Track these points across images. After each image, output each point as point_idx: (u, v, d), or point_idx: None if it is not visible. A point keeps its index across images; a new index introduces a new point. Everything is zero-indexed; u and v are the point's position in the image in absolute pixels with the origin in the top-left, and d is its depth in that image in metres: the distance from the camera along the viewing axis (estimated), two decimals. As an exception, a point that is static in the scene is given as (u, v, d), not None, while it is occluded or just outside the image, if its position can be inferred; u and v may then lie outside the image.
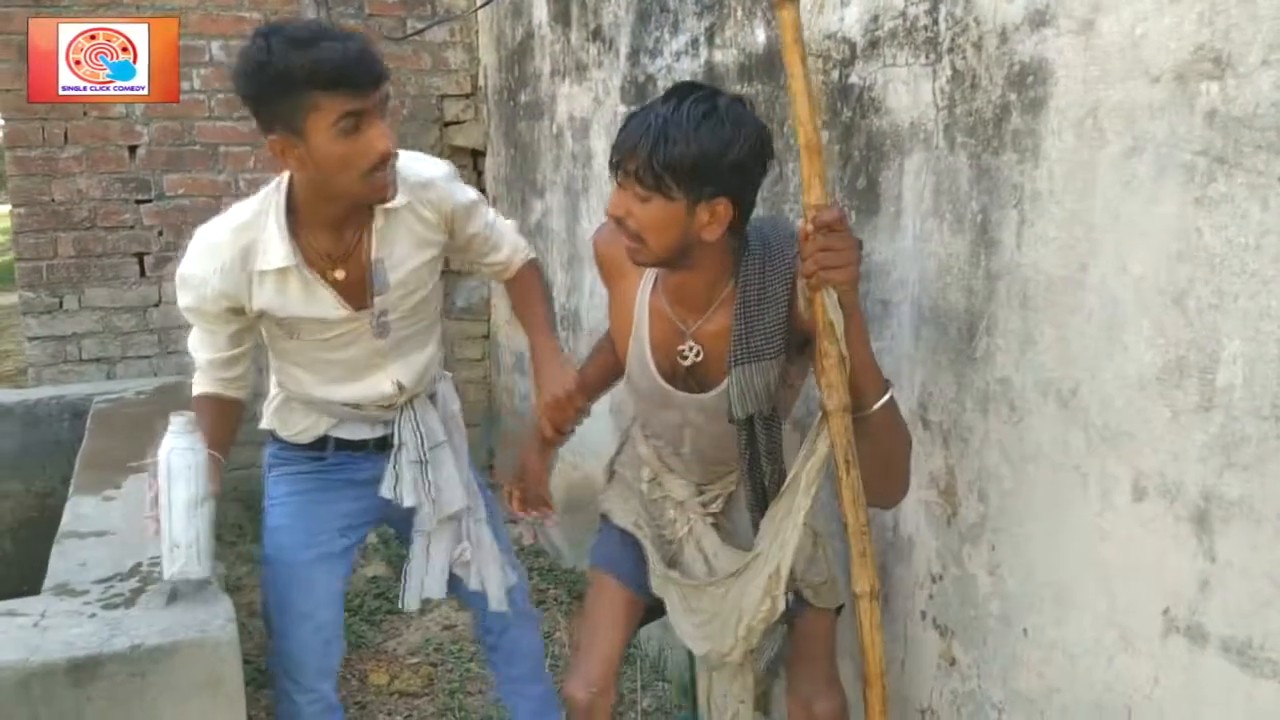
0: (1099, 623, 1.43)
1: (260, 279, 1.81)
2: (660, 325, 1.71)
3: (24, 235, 3.93)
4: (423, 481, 2.04)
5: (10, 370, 7.37)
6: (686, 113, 1.47)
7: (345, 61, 1.61)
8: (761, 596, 1.69)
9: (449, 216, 1.94)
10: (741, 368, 1.60)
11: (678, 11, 2.51)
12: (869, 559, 1.50)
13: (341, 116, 1.63)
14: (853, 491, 1.48)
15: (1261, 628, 1.20)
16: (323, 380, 1.98)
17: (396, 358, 1.99)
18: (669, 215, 1.51)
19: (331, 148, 1.65)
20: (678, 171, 1.47)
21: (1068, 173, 1.41)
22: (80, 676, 1.50)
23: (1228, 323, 1.20)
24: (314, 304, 1.85)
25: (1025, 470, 1.54)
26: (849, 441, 1.47)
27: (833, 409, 1.47)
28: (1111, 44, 1.32)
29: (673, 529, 1.90)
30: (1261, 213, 1.15)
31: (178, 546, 1.65)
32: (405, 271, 1.90)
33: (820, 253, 1.38)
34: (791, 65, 1.34)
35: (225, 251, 1.79)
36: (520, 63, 3.82)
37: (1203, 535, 1.26)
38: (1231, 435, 1.21)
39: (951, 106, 1.62)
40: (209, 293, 1.80)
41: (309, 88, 1.60)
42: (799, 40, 1.34)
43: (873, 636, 1.54)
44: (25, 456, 3.13)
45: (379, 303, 1.89)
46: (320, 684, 2.11)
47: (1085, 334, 1.40)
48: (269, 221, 1.79)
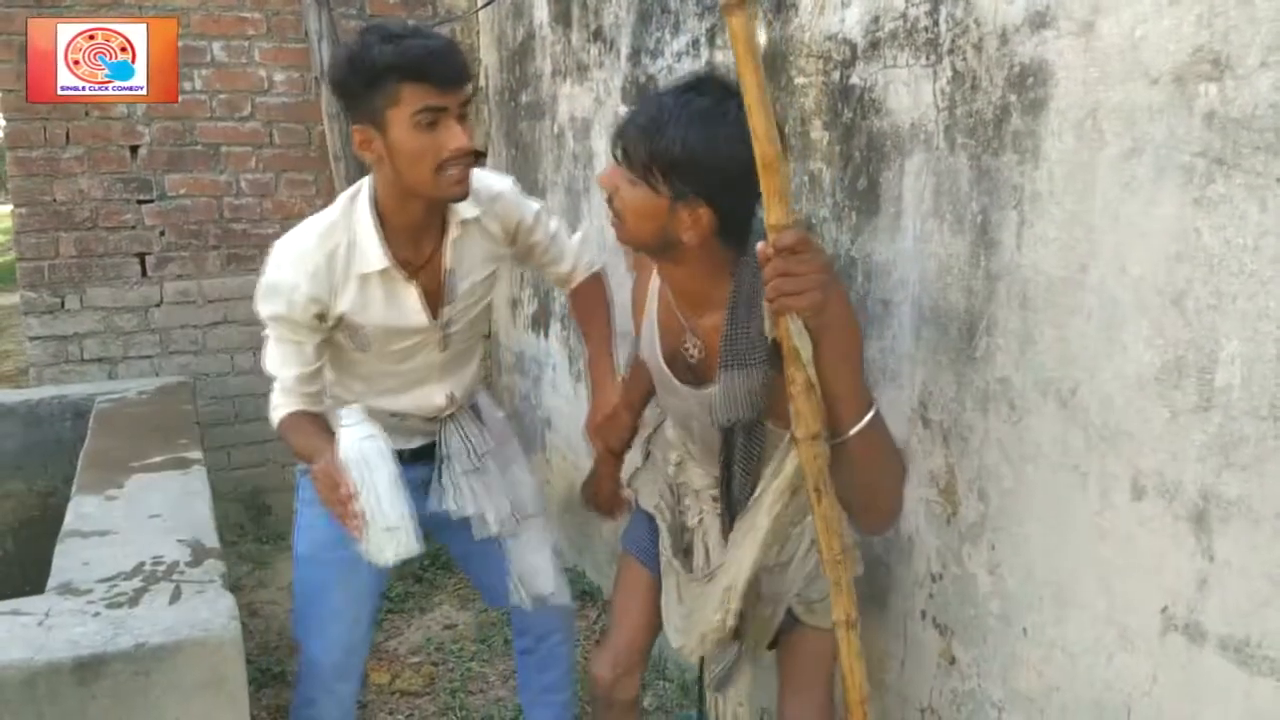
0: (1098, 621, 1.44)
1: (346, 283, 1.83)
2: (666, 314, 1.72)
3: (25, 235, 3.93)
4: (478, 488, 2.07)
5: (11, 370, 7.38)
6: (689, 107, 1.44)
7: (428, 55, 1.66)
8: (715, 607, 1.70)
9: (513, 229, 2.00)
10: (728, 372, 1.56)
11: (678, 12, 2.52)
12: (845, 588, 1.43)
13: (420, 110, 1.67)
14: (825, 521, 1.40)
15: (1259, 626, 1.21)
16: (379, 391, 2.00)
17: (451, 370, 2.04)
18: (651, 206, 1.48)
19: (409, 139, 1.70)
20: (664, 164, 1.44)
21: (1067, 174, 1.41)
22: (85, 675, 1.51)
23: (1226, 323, 1.21)
24: (394, 308, 1.88)
25: (1025, 470, 1.55)
26: (820, 469, 1.37)
27: (801, 436, 1.36)
28: (1111, 46, 1.33)
29: (688, 515, 1.90)
30: (1260, 214, 1.16)
31: (393, 528, 1.69)
32: (470, 283, 1.95)
33: (779, 278, 1.26)
34: (745, 76, 1.18)
35: (313, 257, 1.81)
36: (521, 63, 3.83)
37: (1201, 534, 1.27)
38: (1230, 435, 1.22)
39: (952, 108, 1.62)
40: (299, 298, 1.80)
41: (393, 79, 1.66)
42: (752, 50, 1.18)
43: (852, 663, 1.49)
44: (27, 456, 3.14)
45: (445, 312, 1.93)
46: (343, 685, 2.13)
47: (1085, 334, 1.41)
48: (359, 226, 1.83)
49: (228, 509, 4.13)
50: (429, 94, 1.67)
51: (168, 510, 2.10)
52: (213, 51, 4.01)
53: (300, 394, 1.92)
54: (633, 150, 1.47)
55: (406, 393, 2.02)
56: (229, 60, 4.05)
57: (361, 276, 1.83)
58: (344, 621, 2.08)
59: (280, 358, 1.91)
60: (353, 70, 1.69)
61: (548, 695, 2.33)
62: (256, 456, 4.22)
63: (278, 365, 1.91)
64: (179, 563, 1.83)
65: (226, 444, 4.15)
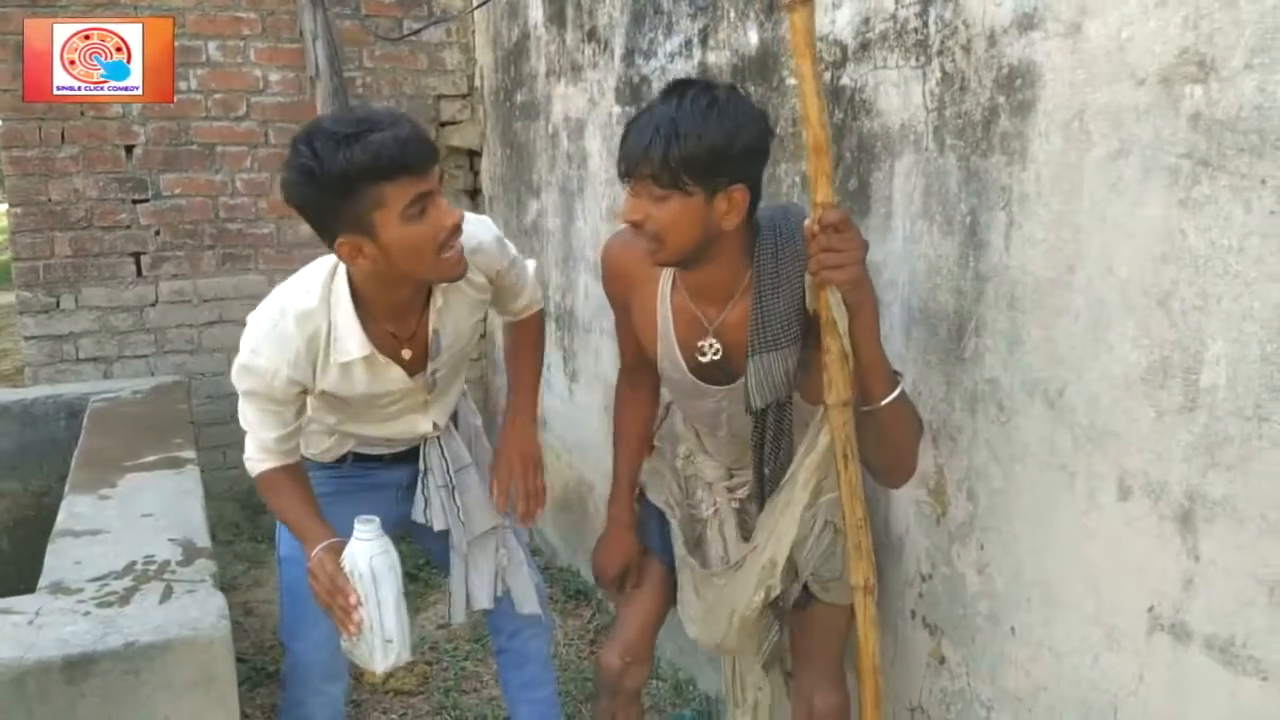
0: (1085, 621, 1.45)
1: (327, 366, 1.80)
2: (684, 322, 1.72)
3: (21, 235, 3.93)
4: (451, 505, 2.08)
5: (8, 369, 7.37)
6: (691, 107, 1.48)
7: (401, 147, 1.57)
8: (756, 586, 1.72)
9: (494, 276, 1.96)
10: (760, 357, 1.61)
11: (671, 13, 2.52)
12: (865, 553, 1.53)
13: (410, 203, 1.60)
14: (851, 486, 1.51)
15: (1244, 626, 1.21)
16: (363, 423, 2.00)
17: (436, 401, 2.03)
18: (689, 211, 1.51)
19: (404, 235, 1.61)
20: (693, 166, 1.47)
21: (1055, 175, 1.42)
22: (74, 674, 1.51)
23: (1211, 324, 1.22)
24: (377, 382, 1.86)
25: (1013, 470, 1.55)
26: (849, 436, 1.49)
27: (833, 403, 1.50)
28: (1098, 47, 1.33)
29: (700, 509, 1.92)
30: (1244, 215, 1.16)
31: (391, 641, 1.77)
32: (456, 334, 1.93)
33: (824, 253, 1.41)
34: (802, 68, 1.36)
35: (293, 343, 1.76)
36: (516, 63, 3.83)
37: (1187, 534, 1.27)
38: (1215, 435, 1.22)
39: (941, 109, 1.63)
40: (279, 382, 1.77)
41: (372, 182, 1.56)
42: (811, 44, 1.36)
43: (867, 630, 1.56)
44: (22, 455, 3.13)
45: (432, 365, 1.92)
46: (331, 685, 2.13)
47: (1072, 335, 1.41)
48: (337, 313, 1.77)
49: (223, 508, 4.13)
50: (414, 184, 1.59)
51: (160, 510, 2.10)
52: (208, 51, 4.01)
53: (279, 452, 1.89)
54: (657, 168, 1.48)
55: (392, 423, 2.01)
56: (224, 60, 4.05)
57: (342, 364, 1.79)
58: (328, 622, 2.07)
59: (258, 421, 1.87)
60: (319, 186, 1.57)
61: (526, 693, 2.34)
62: (252, 456, 4.21)
63: (255, 427, 1.88)
64: (170, 562, 1.83)
65: (222, 443, 4.14)
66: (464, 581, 2.14)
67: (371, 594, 1.73)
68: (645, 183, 1.51)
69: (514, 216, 4.03)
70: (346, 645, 1.82)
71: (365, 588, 1.73)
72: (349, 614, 1.73)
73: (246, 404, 1.86)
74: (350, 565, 1.74)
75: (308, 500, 1.92)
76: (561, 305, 3.54)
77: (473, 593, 2.14)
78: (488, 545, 2.13)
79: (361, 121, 1.58)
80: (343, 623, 1.75)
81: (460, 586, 2.13)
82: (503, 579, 2.16)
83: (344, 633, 1.78)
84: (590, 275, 3.26)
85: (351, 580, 1.73)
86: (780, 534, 1.68)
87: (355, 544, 1.75)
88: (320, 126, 1.62)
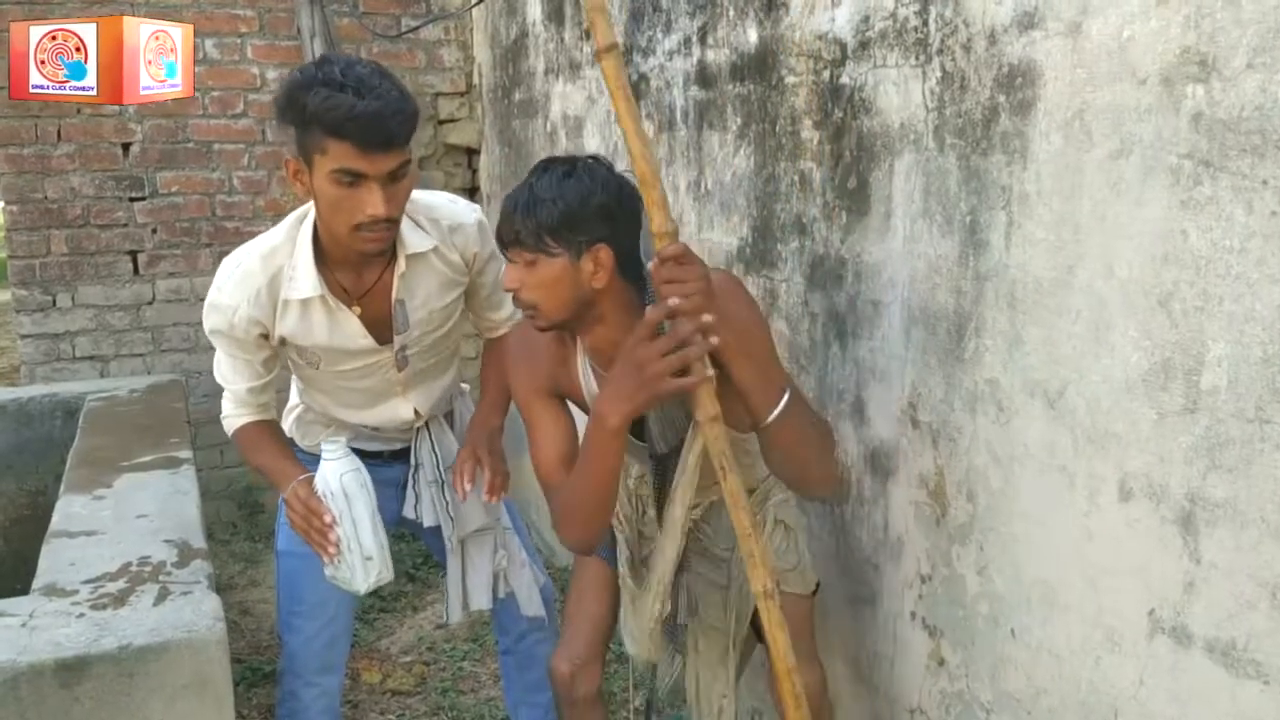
0: (1085, 623, 1.44)
1: (285, 307, 1.82)
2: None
3: (17, 233, 3.92)
4: (440, 501, 2.07)
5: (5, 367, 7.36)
6: (548, 177, 1.58)
7: (353, 118, 1.59)
8: (652, 601, 1.77)
9: (472, 261, 1.97)
10: (660, 409, 1.66)
11: (670, 11, 2.51)
12: (760, 560, 1.55)
13: (339, 169, 1.63)
14: (733, 496, 1.53)
15: (1246, 629, 1.20)
16: (343, 405, 2.01)
17: (415, 386, 2.02)
18: (556, 272, 1.57)
19: (327, 191, 1.66)
20: (552, 228, 1.55)
21: (1055, 174, 1.41)
22: (68, 677, 1.50)
23: (1213, 325, 1.21)
24: (337, 333, 1.86)
25: (1013, 471, 1.55)
26: (723, 449, 1.51)
27: (702, 419, 1.51)
28: (1099, 46, 1.32)
29: (650, 527, 1.92)
30: (1246, 216, 1.15)
31: (370, 558, 1.79)
32: (428, 311, 1.93)
33: (666, 285, 1.45)
34: (618, 107, 1.45)
35: (256, 279, 1.80)
36: (514, 61, 3.82)
37: (1188, 537, 1.27)
38: (1216, 437, 1.21)
39: (941, 108, 1.62)
40: (239, 320, 1.81)
41: (320, 129, 1.61)
42: (624, 85, 1.46)
43: (774, 633, 1.58)
44: (18, 455, 3.13)
45: (399, 340, 1.92)
46: (326, 678, 2.14)
47: (1072, 335, 1.41)
48: (297, 251, 1.81)
49: (220, 507, 4.12)
50: (350, 156, 1.61)
51: (156, 510, 2.10)
52: (205, 49, 4.00)
53: (253, 405, 1.94)
54: (523, 231, 1.56)
55: (371, 408, 2.02)
56: (221, 57, 4.04)
57: (301, 301, 1.81)
58: (324, 615, 2.08)
59: (230, 370, 1.94)
60: (289, 103, 1.64)
61: (531, 695, 2.33)
62: (249, 455, 4.20)
63: (229, 377, 1.94)
64: (165, 563, 1.82)
65: (219, 442, 4.11)
66: (460, 580, 2.13)
67: (345, 511, 1.75)
68: (516, 250, 1.58)
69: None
70: (330, 571, 1.84)
71: (339, 505, 1.75)
72: (325, 535, 1.76)
73: (218, 351, 1.92)
74: (322, 487, 1.77)
75: (285, 451, 1.95)
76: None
77: (470, 592, 2.14)
78: (485, 545, 2.13)
79: (355, 81, 1.61)
80: (321, 545, 1.78)
81: (456, 585, 2.13)
82: (505, 580, 2.16)
83: (324, 557, 1.80)
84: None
85: (325, 501, 1.76)
86: (663, 549, 1.72)
87: (325, 465, 1.78)
88: (333, 61, 1.67)
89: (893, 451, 1.81)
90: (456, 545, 2.10)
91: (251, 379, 1.92)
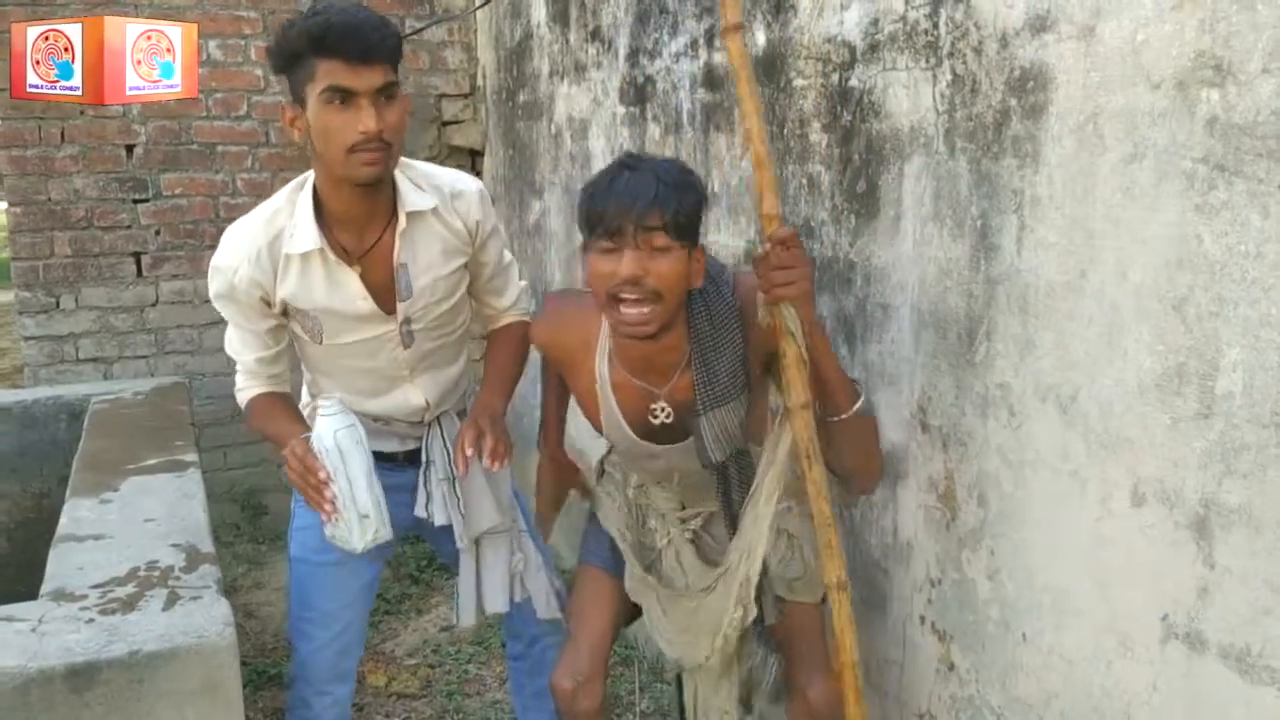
0: (1098, 628, 1.43)
1: (286, 265, 1.82)
2: (627, 396, 1.75)
3: (20, 234, 3.92)
4: (452, 498, 2.05)
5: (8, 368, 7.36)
6: (672, 168, 1.57)
7: (333, 28, 1.63)
8: (734, 606, 1.74)
9: (474, 230, 1.96)
10: (712, 414, 1.66)
11: (677, 13, 2.51)
12: (835, 550, 1.55)
13: (329, 88, 1.65)
14: (817, 486, 1.53)
15: (1260, 635, 1.20)
16: (352, 392, 1.98)
17: (423, 371, 2.00)
18: (683, 266, 1.56)
19: (320, 116, 1.68)
20: (691, 220, 1.55)
21: (1068, 178, 1.41)
22: (78, 682, 1.50)
23: (1228, 330, 1.20)
24: (337, 294, 1.85)
25: (1024, 475, 1.54)
26: (811, 437, 1.52)
27: (793, 406, 1.52)
28: (1112, 50, 1.32)
29: (653, 538, 1.92)
30: (1262, 220, 1.15)
31: (367, 516, 1.77)
32: (431, 279, 1.91)
33: (774, 270, 1.46)
34: (742, 88, 1.48)
35: (256, 241, 1.82)
36: (519, 62, 3.82)
37: (1202, 542, 1.26)
38: (1231, 443, 1.21)
39: (952, 111, 1.61)
40: (240, 281, 1.82)
41: (308, 54, 1.65)
42: (747, 65, 1.49)
43: (844, 626, 1.58)
44: (22, 457, 3.13)
45: (403, 309, 1.89)
46: (338, 687, 2.12)
47: (1085, 340, 1.40)
48: (297, 209, 1.82)
49: (224, 509, 4.12)
50: (338, 71, 1.64)
51: (163, 514, 2.10)
52: (209, 50, 3.99)
53: (264, 376, 1.95)
54: (667, 220, 1.52)
55: (382, 395, 1.99)
56: (225, 59, 4.03)
57: (301, 258, 1.81)
58: (337, 624, 2.07)
59: (240, 340, 1.95)
60: (278, 46, 1.68)
61: (540, 701, 2.32)
62: (253, 456, 4.20)
63: (238, 348, 1.96)
64: (174, 568, 1.82)
65: (223, 444, 4.14)
66: (474, 583, 2.11)
67: (340, 468, 1.74)
68: (649, 235, 1.52)
69: (516, 217, 4.01)
70: (329, 530, 1.82)
71: (334, 461, 1.74)
72: (321, 492, 1.74)
73: (226, 317, 1.93)
74: (318, 444, 1.75)
75: (293, 416, 1.94)
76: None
77: (486, 595, 2.11)
78: (500, 547, 2.10)
79: (340, 10, 1.66)
80: (318, 503, 1.76)
81: (470, 587, 2.10)
82: (522, 583, 2.13)
83: (322, 515, 1.78)
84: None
85: (320, 459, 1.75)
86: (750, 551, 1.70)
87: (320, 421, 1.77)
88: (316, 5, 1.73)
89: (903, 455, 1.81)
90: (470, 545, 2.07)
91: (260, 349, 1.93)
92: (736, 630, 1.77)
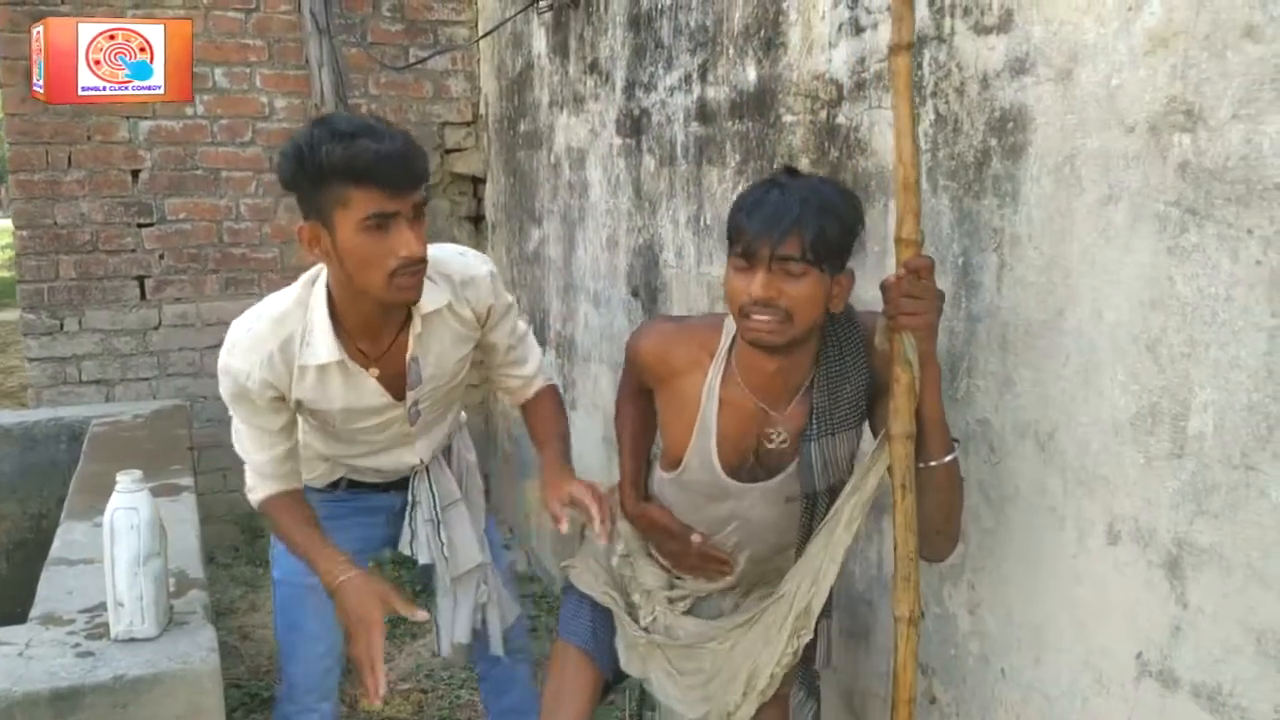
0: (1074, 664, 1.44)
1: (301, 373, 1.79)
2: (734, 416, 1.65)
3: (26, 257, 3.96)
4: (436, 540, 2.07)
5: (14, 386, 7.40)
6: (827, 188, 1.52)
7: (379, 159, 1.57)
8: (788, 638, 1.66)
9: (484, 314, 1.93)
10: (826, 440, 1.61)
11: (671, 48, 2.54)
12: (914, 584, 1.50)
13: (369, 215, 1.60)
14: (906, 517, 1.48)
15: (1231, 674, 1.21)
16: (349, 453, 2.01)
17: (422, 435, 2.02)
18: (819, 290, 1.50)
19: (357, 243, 1.62)
20: (833, 246, 1.49)
21: (1046, 218, 1.42)
22: (63, 707, 1.51)
23: (1199, 371, 1.22)
24: (353, 393, 1.84)
25: (1004, 511, 1.55)
26: (908, 468, 1.47)
27: (897, 433, 1.47)
28: (1088, 93, 1.34)
29: (637, 614, 1.84)
30: (1231, 264, 1.17)
31: (121, 605, 1.69)
32: (440, 367, 1.91)
33: (904, 298, 1.41)
34: (899, 107, 1.42)
35: (267, 344, 1.76)
36: (520, 92, 3.86)
37: (1175, 581, 1.27)
38: (1203, 483, 1.22)
39: (934, 150, 1.64)
40: (253, 385, 1.77)
41: (341, 181, 1.58)
42: (908, 86, 1.42)
43: (907, 661, 1.53)
44: (22, 478, 3.15)
45: (412, 395, 1.90)
46: (324, 705, 2.15)
47: (1062, 378, 1.42)
48: (313, 316, 1.77)
49: (223, 531, 4.13)
50: (379, 199, 1.59)
51: (155, 538, 2.11)
52: (214, 77, 4.05)
53: (277, 475, 1.88)
54: (807, 245, 1.47)
55: (378, 455, 2.01)
56: (231, 86, 4.09)
57: (318, 368, 1.78)
58: (321, 644, 2.10)
59: (250, 442, 1.87)
60: (300, 167, 1.61)
61: (509, 718, 2.34)
62: (251, 480, 4.21)
63: (248, 448, 1.88)
64: (162, 592, 1.83)
65: (223, 466, 4.15)
66: (451, 613, 2.14)
67: (107, 550, 1.69)
68: (788, 259, 1.48)
69: (516, 244, 4.04)
70: None
71: (105, 542, 1.69)
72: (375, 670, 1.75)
73: (236, 421, 1.87)
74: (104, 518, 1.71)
75: (311, 526, 1.88)
76: (562, 334, 3.55)
77: (456, 625, 2.15)
78: (469, 582, 2.14)
79: (363, 128, 1.61)
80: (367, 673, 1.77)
81: (447, 620, 2.14)
82: (482, 613, 2.17)
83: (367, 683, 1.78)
84: (590, 304, 3.27)
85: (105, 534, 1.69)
86: (820, 576, 1.63)
87: (113, 496, 1.71)
88: (330, 119, 1.66)
89: (886, 489, 1.81)
90: (451, 584, 2.10)
91: (269, 449, 1.86)
92: (785, 667, 1.68)
